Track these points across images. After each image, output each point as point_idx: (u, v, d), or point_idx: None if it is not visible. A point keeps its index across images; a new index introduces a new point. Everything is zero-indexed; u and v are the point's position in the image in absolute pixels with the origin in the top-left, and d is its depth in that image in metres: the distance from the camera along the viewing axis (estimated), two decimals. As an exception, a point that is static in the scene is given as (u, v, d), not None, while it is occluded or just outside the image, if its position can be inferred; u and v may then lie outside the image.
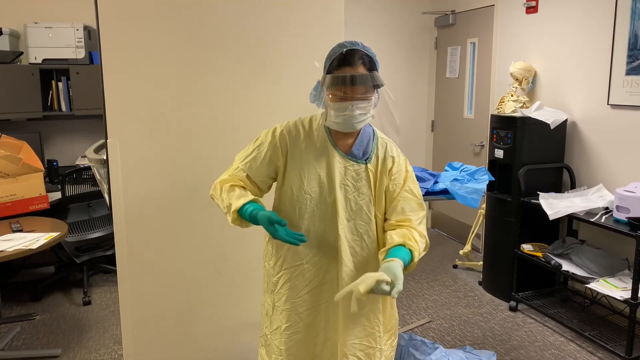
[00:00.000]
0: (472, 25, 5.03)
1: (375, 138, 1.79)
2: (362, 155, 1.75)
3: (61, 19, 4.34)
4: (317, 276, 1.79)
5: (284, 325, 1.82)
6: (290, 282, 1.80)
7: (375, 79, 1.63)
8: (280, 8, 2.43)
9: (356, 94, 1.62)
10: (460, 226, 5.34)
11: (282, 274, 1.82)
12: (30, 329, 3.50)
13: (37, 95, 4.18)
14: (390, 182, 1.76)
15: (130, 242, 2.38)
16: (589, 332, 3.28)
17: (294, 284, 1.80)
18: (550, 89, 4.07)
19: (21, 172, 3.46)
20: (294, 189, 1.75)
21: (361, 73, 1.61)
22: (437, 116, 5.73)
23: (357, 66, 1.62)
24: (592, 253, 3.42)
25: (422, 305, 3.88)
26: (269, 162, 1.77)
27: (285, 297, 1.82)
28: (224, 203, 1.74)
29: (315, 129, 1.77)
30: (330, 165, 1.74)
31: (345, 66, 1.62)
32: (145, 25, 2.27)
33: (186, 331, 2.54)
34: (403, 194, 1.76)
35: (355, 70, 1.62)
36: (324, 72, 1.70)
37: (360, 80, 1.61)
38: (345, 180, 1.74)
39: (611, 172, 3.59)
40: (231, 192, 1.74)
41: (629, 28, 3.38)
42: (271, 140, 1.77)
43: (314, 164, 1.74)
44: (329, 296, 1.78)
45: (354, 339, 1.79)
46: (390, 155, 1.77)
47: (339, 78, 1.61)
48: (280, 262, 1.82)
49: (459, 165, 3.37)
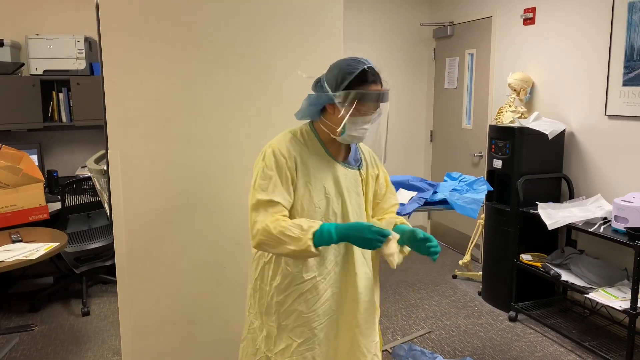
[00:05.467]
0: (470, 37, 5.07)
1: (358, 145, 1.90)
2: (354, 162, 1.86)
3: (62, 31, 4.37)
4: (329, 287, 1.80)
5: (297, 342, 1.78)
6: (302, 297, 1.77)
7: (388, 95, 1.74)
8: (280, 19, 2.46)
9: (375, 110, 1.71)
10: (459, 236, 5.34)
11: (291, 290, 1.78)
12: (29, 339, 3.49)
13: (37, 106, 4.20)
14: (378, 184, 1.92)
15: (129, 252, 2.38)
16: (588, 342, 3.27)
17: (306, 298, 1.77)
18: (548, 99, 4.09)
19: (21, 183, 3.47)
20: (304, 205, 1.73)
21: (387, 90, 1.70)
22: (436, 126, 5.76)
23: (379, 83, 1.70)
24: (591, 263, 3.42)
25: (421, 316, 3.87)
26: (286, 183, 1.71)
27: (296, 314, 1.78)
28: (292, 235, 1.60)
29: (309, 141, 1.78)
30: (335, 176, 1.79)
31: (371, 83, 1.67)
32: (146, 37, 2.29)
33: (185, 342, 2.53)
34: (387, 194, 1.96)
35: (378, 87, 1.70)
36: (335, 87, 1.68)
37: (387, 97, 1.70)
38: (349, 187, 1.82)
39: (609, 182, 3.61)
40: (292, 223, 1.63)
41: (625, 39, 3.42)
42: (281, 160, 1.71)
43: (318, 177, 1.76)
44: (341, 305, 1.82)
45: (371, 342, 1.87)
46: (372, 159, 1.92)
47: (373, 95, 1.67)
48: (289, 280, 1.77)
49: (457, 176, 3.38)
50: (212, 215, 2.45)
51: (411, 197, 3.15)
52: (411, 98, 5.76)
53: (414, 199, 3.11)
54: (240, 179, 2.43)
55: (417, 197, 3.11)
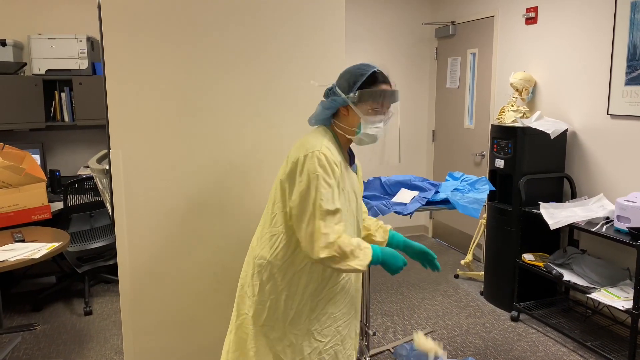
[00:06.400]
0: (472, 36, 5.07)
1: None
2: (354, 166, 1.96)
3: (64, 30, 4.38)
4: (354, 285, 1.91)
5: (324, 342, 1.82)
6: (333, 299, 1.82)
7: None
8: (281, 19, 2.46)
9: (387, 109, 1.81)
10: (461, 236, 5.34)
11: (324, 295, 1.81)
12: (31, 339, 3.50)
13: (40, 106, 4.21)
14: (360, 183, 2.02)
15: (131, 252, 2.38)
16: (591, 342, 3.27)
17: (336, 299, 1.83)
18: (550, 99, 4.09)
19: (24, 182, 3.48)
20: (343, 210, 1.75)
21: (397, 90, 1.81)
22: (438, 126, 5.75)
23: (389, 84, 1.80)
24: (593, 263, 3.42)
25: (423, 316, 3.87)
26: (339, 189, 1.74)
27: (326, 316, 1.82)
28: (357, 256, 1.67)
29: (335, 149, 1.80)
30: (351, 180, 1.87)
31: (381, 83, 1.78)
32: (148, 36, 2.29)
33: (188, 342, 2.53)
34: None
35: (389, 87, 1.80)
36: (347, 90, 1.77)
37: (398, 97, 1.82)
38: (356, 190, 1.92)
39: (611, 181, 3.60)
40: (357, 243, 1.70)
41: (628, 38, 3.41)
42: (335, 169, 1.72)
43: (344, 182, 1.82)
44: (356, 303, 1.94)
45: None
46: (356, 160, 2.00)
47: (387, 92, 1.78)
48: (324, 284, 1.81)
49: (459, 175, 3.38)
50: (214, 215, 2.45)
51: (413, 196, 3.15)
52: (413, 98, 5.76)
53: (415, 199, 3.11)
54: (243, 179, 2.43)
55: (419, 197, 3.11)
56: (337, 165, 1.72)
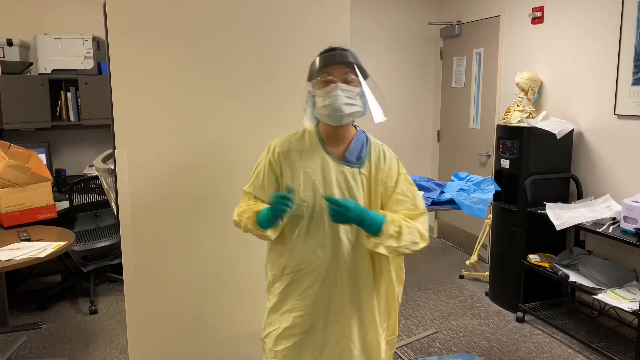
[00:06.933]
0: (478, 36, 5.05)
1: (369, 143, 1.84)
2: (355, 160, 1.79)
3: (70, 30, 4.39)
4: (314, 283, 1.79)
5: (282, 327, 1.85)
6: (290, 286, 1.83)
7: (354, 58, 1.73)
8: (286, 19, 2.45)
9: (339, 76, 1.70)
10: (466, 236, 5.32)
11: (284, 278, 1.84)
12: (37, 337, 3.51)
13: (46, 106, 4.22)
14: (383, 185, 1.80)
15: (136, 251, 2.39)
16: (597, 343, 3.25)
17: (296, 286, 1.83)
18: (557, 99, 4.07)
19: (29, 182, 3.49)
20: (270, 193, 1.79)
21: (342, 48, 1.73)
22: (443, 126, 5.74)
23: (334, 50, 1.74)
24: (599, 264, 3.40)
25: (428, 316, 3.86)
26: (269, 178, 1.83)
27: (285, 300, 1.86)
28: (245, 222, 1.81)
29: (308, 139, 1.83)
30: (325, 172, 1.77)
31: (328, 58, 1.73)
32: (153, 37, 2.30)
33: (192, 341, 2.54)
34: (396, 196, 1.80)
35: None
36: (309, 76, 1.80)
37: (340, 57, 1.71)
38: (340, 185, 1.77)
39: (618, 182, 3.58)
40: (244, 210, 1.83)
41: (635, 38, 3.39)
42: (266, 155, 1.84)
43: (307, 172, 1.77)
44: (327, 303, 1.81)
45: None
46: (382, 159, 1.82)
47: (321, 58, 1.73)
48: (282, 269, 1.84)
49: (465, 175, 3.37)
50: (219, 215, 2.45)
51: (418, 197, 3.13)
52: (418, 97, 5.74)
53: (421, 199, 3.09)
54: (247, 178, 2.43)
55: (424, 197, 3.10)
56: (270, 152, 1.82)
